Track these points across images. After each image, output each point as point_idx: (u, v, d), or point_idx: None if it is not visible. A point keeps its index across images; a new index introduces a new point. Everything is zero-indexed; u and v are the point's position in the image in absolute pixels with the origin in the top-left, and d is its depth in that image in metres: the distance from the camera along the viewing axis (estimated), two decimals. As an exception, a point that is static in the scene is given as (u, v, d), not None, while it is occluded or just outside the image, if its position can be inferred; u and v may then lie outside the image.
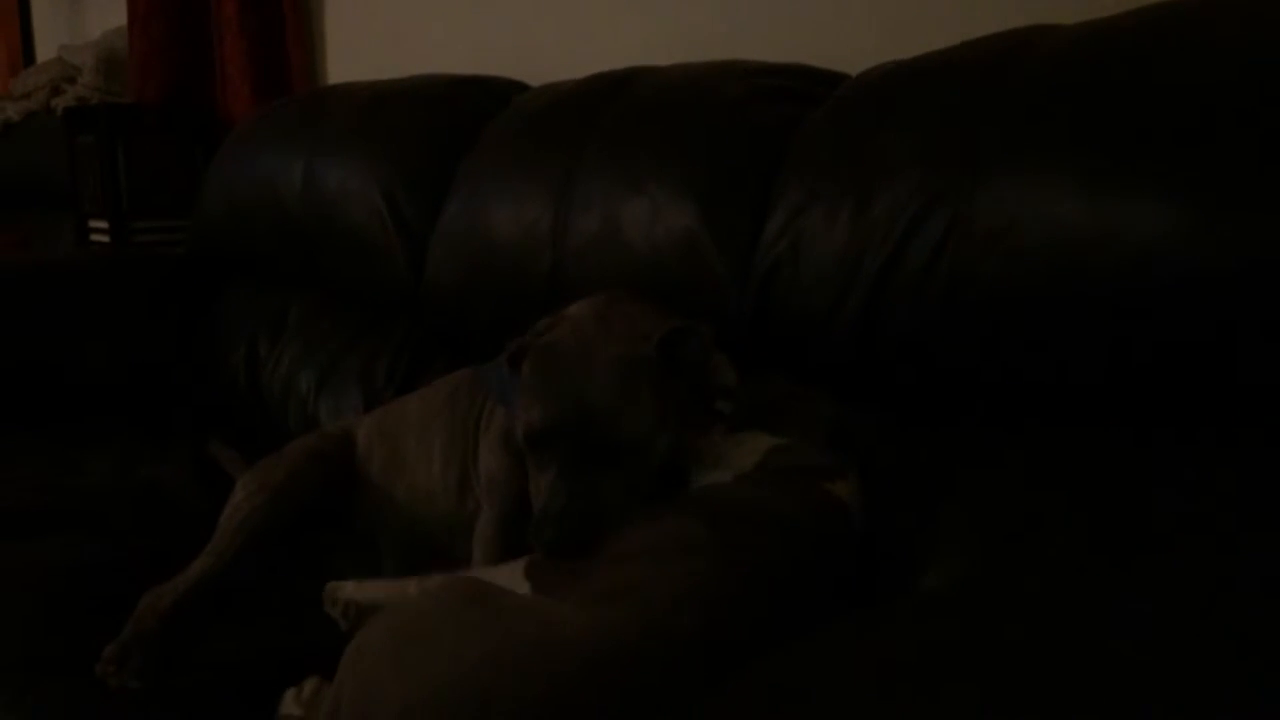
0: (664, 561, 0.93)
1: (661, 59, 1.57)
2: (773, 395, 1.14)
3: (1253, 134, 0.92)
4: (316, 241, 1.89)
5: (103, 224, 2.59)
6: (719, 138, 1.35)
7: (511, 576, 1.03)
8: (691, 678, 0.83)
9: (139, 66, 2.72)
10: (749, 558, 0.95)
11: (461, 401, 1.28)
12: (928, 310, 1.11)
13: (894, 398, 1.17)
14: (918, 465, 1.11)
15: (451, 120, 1.77)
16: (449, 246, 1.65)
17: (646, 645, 0.84)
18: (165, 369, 2.03)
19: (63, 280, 2.09)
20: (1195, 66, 0.98)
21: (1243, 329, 0.93)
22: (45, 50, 3.58)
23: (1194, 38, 1.00)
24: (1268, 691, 0.60)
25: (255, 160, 2.05)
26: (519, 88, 1.82)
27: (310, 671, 0.92)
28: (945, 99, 1.14)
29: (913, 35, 1.30)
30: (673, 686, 0.82)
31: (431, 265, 1.68)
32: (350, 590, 1.12)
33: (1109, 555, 0.91)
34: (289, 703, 0.99)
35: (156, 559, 1.24)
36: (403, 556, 1.28)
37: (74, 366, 1.97)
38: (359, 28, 2.46)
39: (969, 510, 1.04)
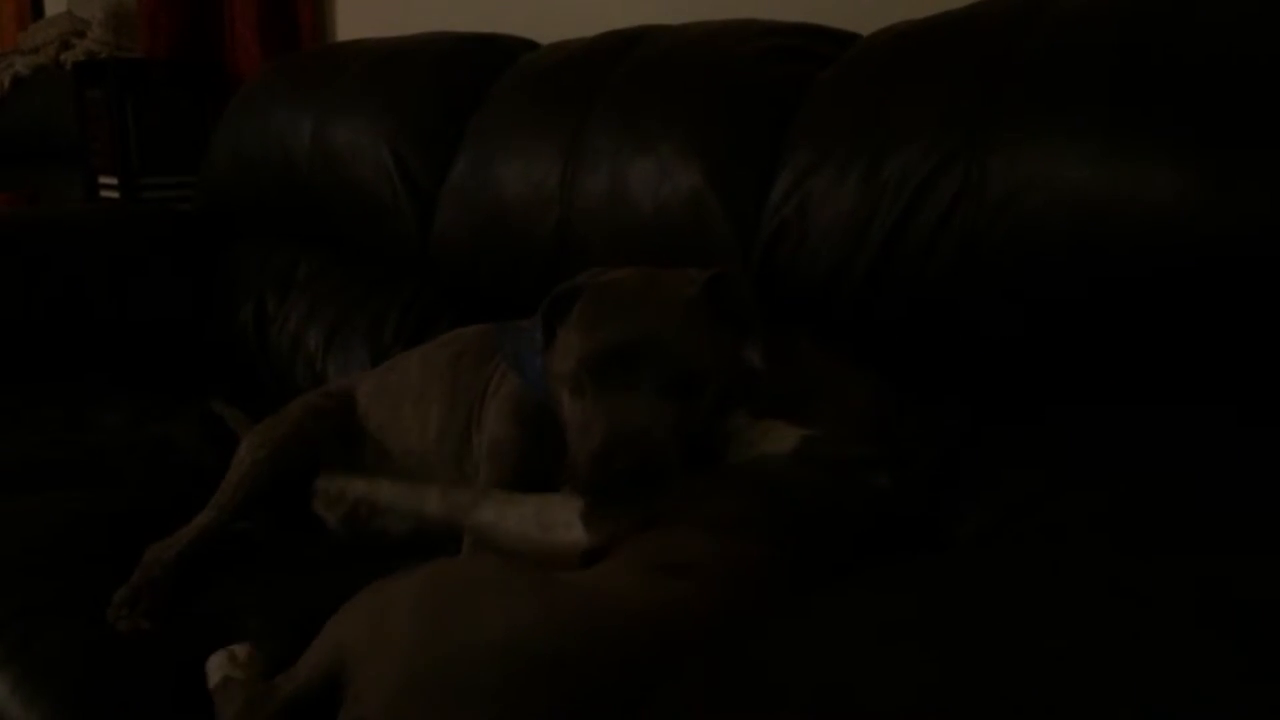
0: (723, 539, 0.93)
1: (671, 18, 1.55)
2: (804, 378, 1.08)
3: (1270, 98, 0.91)
4: (325, 198, 1.89)
5: (112, 180, 2.59)
6: (728, 98, 1.33)
7: (566, 514, 1.00)
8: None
9: (148, 21, 2.70)
10: (800, 544, 0.95)
11: (466, 368, 1.27)
12: (937, 274, 1.10)
13: (901, 363, 1.17)
14: (942, 440, 1.10)
15: (460, 78, 1.75)
16: (457, 204, 1.64)
17: (706, 622, 0.83)
18: (174, 325, 2.03)
19: (71, 234, 2.08)
20: (1212, 29, 0.97)
21: (1259, 296, 0.92)
22: (54, 4, 3.56)
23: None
24: (1268, 663, 0.60)
25: (264, 117, 2.04)
26: (528, 46, 1.80)
27: (311, 621, 0.93)
28: (957, 60, 1.13)
29: (925, -5, 1.28)
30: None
31: (439, 222, 1.68)
32: (360, 487, 1.09)
33: (1119, 530, 0.91)
34: (222, 665, 0.99)
35: (163, 513, 1.25)
36: None
37: (83, 322, 1.97)
38: (369, -16, 2.44)
39: (979, 484, 1.05)
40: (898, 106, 1.15)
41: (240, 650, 1.01)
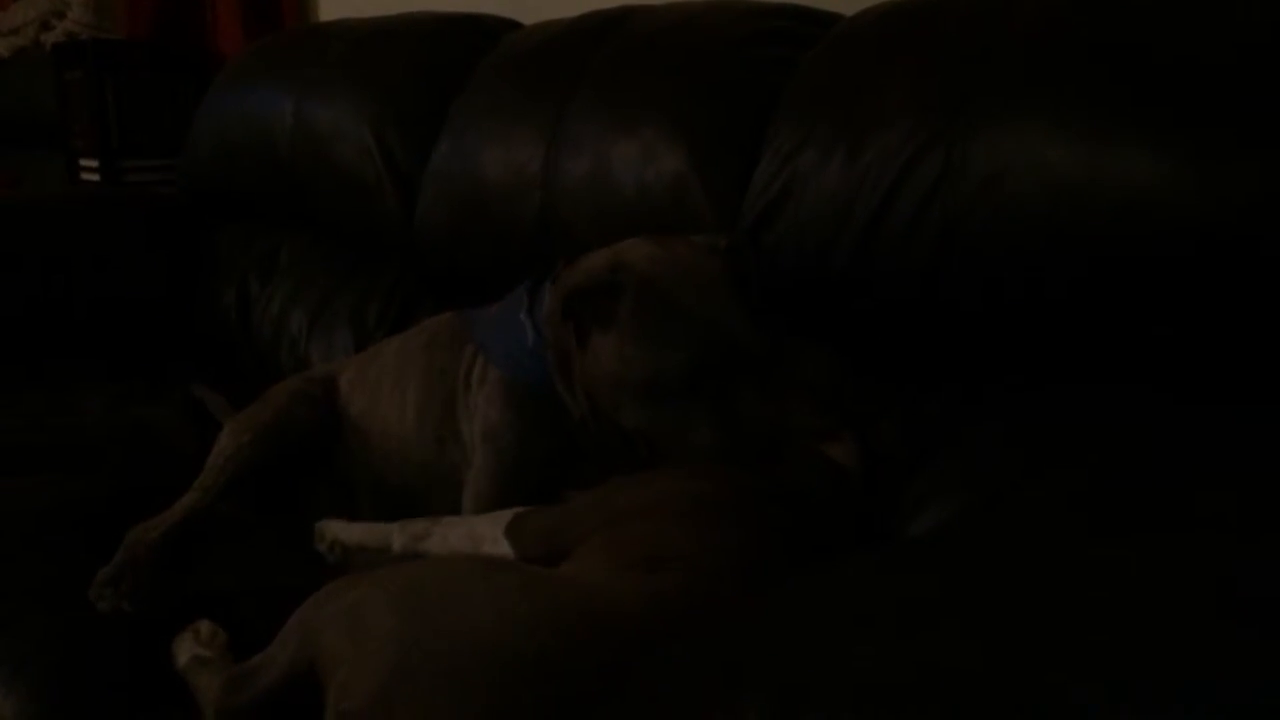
0: (700, 528, 0.93)
1: (656, -2, 1.55)
2: None
3: (1249, 82, 0.91)
4: (307, 181, 1.88)
5: (93, 162, 2.57)
6: (711, 80, 1.33)
7: (493, 530, 1.04)
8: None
9: (129, 1, 2.68)
10: (769, 525, 0.95)
11: (440, 351, 1.26)
12: (919, 257, 1.10)
13: (884, 346, 1.17)
14: (911, 420, 1.11)
15: (443, 59, 1.74)
16: (440, 187, 1.63)
17: (692, 614, 0.83)
18: (156, 309, 2.02)
19: (53, 218, 2.07)
20: (1192, 13, 0.97)
21: (1238, 277, 0.92)
22: (34, -16, 3.52)
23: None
24: (1242, 634, 0.60)
25: (246, 98, 2.03)
26: (510, 25, 1.79)
27: (288, 604, 0.93)
28: (940, 43, 1.13)
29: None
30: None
31: (422, 205, 1.67)
32: (336, 530, 1.14)
33: (1097, 510, 0.91)
34: (188, 645, 0.99)
35: (146, 496, 1.25)
36: (377, 503, 1.28)
37: (65, 306, 1.96)
38: (351, -36, 2.42)
39: (960, 464, 1.05)
40: (880, 89, 1.15)
41: (204, 627, 1.01)
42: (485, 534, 1.05)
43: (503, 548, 1.03)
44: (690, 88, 1.33)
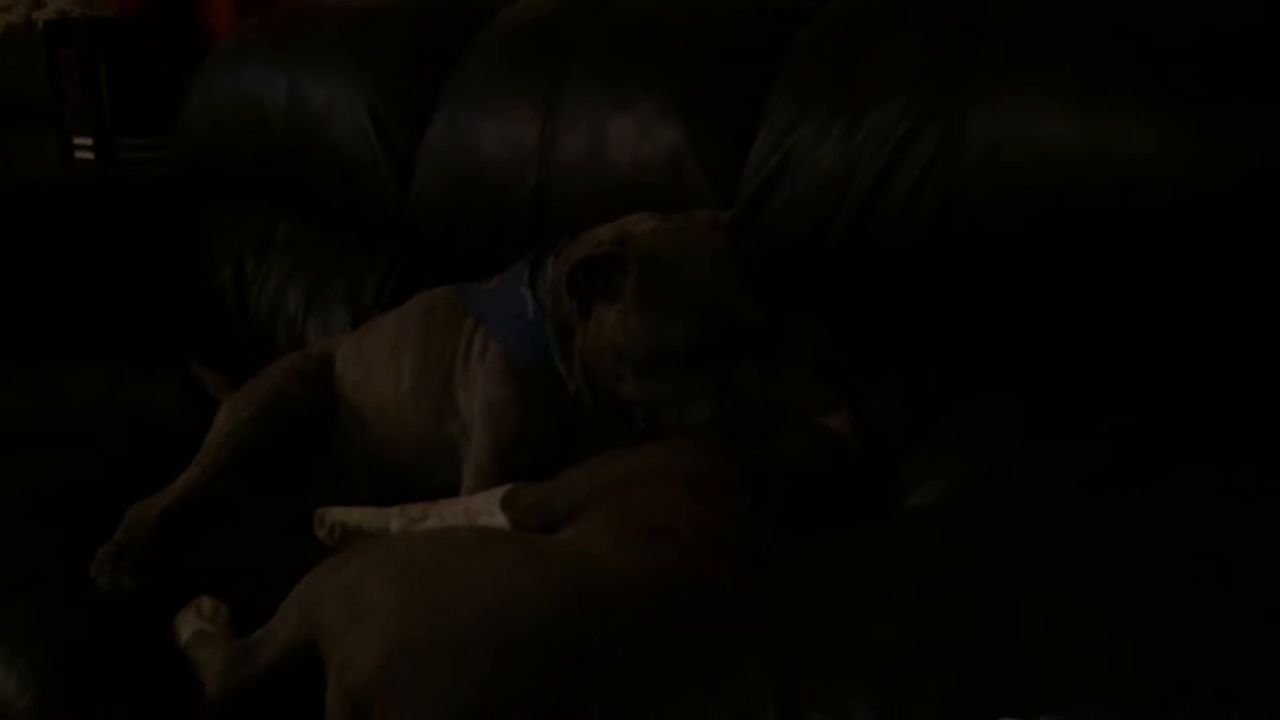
0: (701, 497, 0.94)
1: (651, -28, 1.53)
2: None
3: (1245, 52, 0.91)
4: (302, 159, 1.87)
5: (86, 141, 2.55)
6: (707, 54, 1.32)
7: (488, 505, 1.05)
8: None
9: (120, -21, 2.66)
10: (767, 496, 0.96)
11: (438, 323, 1.26)
12: (917, 231, 1.10)
13: (881, 320, 1.17)
14: (908, 393, 1.11)
15: (437, 34, 1.74)
16: (435, 164, 1.63)
17: (690, 585, 0.84)
18: (151, 288, 2.02)
19: (46, 198, 2.06)
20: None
21: (1236, 248, 0.92)
22: (24, -38, 3.49)
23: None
24: (1237, 599, 0.61)
25: (239, 77, 2.01)
26: (505, 0, 1.78)
27: (288, 579, 0.93)
28: (937, 15, 1.12)
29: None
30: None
31: (418, 182, 1.66)
32: (338, 513, 1.15)
33: (1092, 483, 0.92)
34: (190, 621, 1.00)
35: (143, 476, 1.25)
36: (374, 478, 1.28)
37: (61, 285, 1.95)
38: (344, -60, 2.40)
39: (956, 437, 1.05)
40: (877, 63, 1.14)
41: (205, 603, 1.02)
42: (481, 509, 1.06)
43: (499, 521, 1.03)
44: (686, 62, 1.33)
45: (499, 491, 1.06)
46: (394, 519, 1.12)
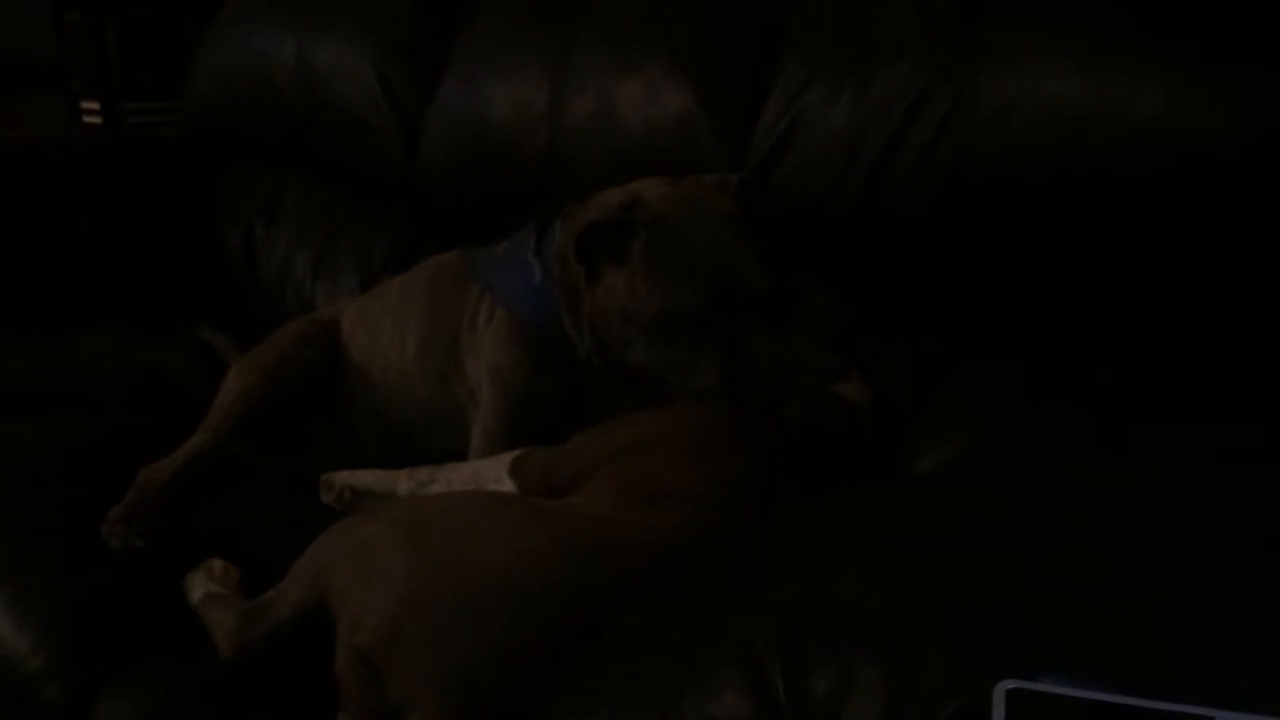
0: (706, 458, 0.94)
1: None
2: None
3: (1253, 11, 0.90)
4: (310, 121, 1.86)
5: (94, 104, 2.55)
6: (717, 15, 1.31)
7: (496, 470, 1.05)
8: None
9: (126, -61, 2.64)
10: (775, 459, 0.96)
11: (444, 288, 1.26)
12: (928, 193, 1.09)
13: (891, 283, 1.17)
14: (916, 359, 1.11)
15: (446, -6, 1.72)
16: (444, 126, 1.62)
17: (697, 546, 0.84)
18: (161, 252, 2.01)
19: (56, 161, 2.05)
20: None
21: (1247, 210, 0.92)
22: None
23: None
24: (1242, 563, 0.61)
25: (247, 38, 2.00)
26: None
27: (298, 541, 0.94)
28: (950, -26, 1.11)
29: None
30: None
31: (427, 145, 1.65)
32: (346, 476, 1.16)
33: (1098, 444, 0.91)
34: (201, 581, 1.01)
35: (152, 438, 1.26)
36: (380, 440, 1.29)
37: (69, 249, 1.94)
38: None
39: (965, 401, 1.05)
40: (888, 23, 1.13)
41: (216, 564, 1.03)
42: (488, 474, 1.07)
43: (506, 486, 1.04)
44: (696, 24, 1.32)
45: (506, 457, 1.06)
46: (402, 482, 1.13)
